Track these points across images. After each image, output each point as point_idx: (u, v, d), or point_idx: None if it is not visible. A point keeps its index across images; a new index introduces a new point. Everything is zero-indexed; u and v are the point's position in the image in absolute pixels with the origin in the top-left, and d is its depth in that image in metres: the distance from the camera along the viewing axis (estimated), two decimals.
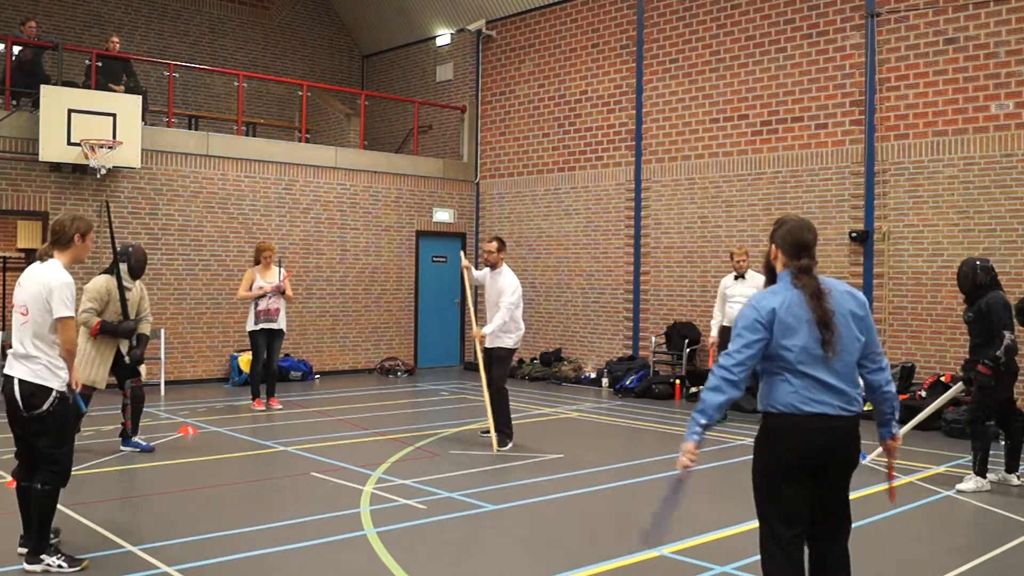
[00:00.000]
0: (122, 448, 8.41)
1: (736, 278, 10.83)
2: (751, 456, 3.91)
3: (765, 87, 12.80)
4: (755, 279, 10.78)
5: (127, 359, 8.17)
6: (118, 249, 8.20)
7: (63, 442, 5.12)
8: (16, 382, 4.98)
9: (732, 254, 11.02)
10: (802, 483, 3.72)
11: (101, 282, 8.09)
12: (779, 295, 3.75)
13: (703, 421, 3.69)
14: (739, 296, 10.74)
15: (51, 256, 5.17)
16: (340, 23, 19.79)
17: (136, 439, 8.48)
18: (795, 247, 3.80)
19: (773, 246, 3.89)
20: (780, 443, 3.74)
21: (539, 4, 15.79)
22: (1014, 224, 10.58)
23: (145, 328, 8.36)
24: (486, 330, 8.97)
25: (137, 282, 8.34)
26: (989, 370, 7.28)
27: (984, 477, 7.30)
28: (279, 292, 10.99)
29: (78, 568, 5.02)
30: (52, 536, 5.14)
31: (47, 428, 5.01)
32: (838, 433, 3.73)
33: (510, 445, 8.91)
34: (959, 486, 7.30)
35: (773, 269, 3.91)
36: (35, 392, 4.96)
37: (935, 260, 11.15)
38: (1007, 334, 7.20)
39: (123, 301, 8.02)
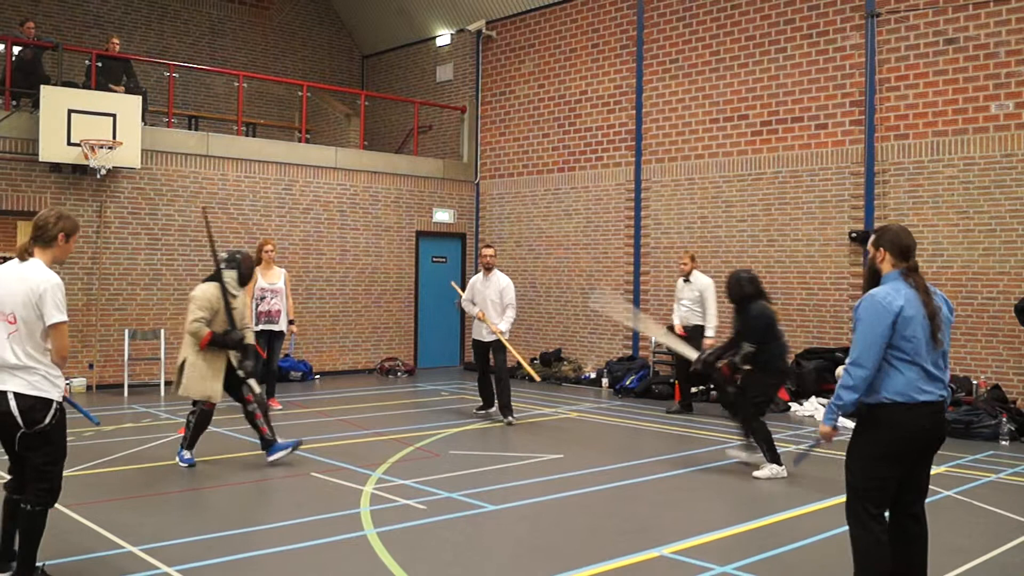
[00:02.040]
0: (268, 459, 7.80)
1: (685, 281, 11.34)
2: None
3: (765, 87, 12.80)
4: (699, 281, 11.25)
5: (240, 372, 7.74)
6: (225, 256, 7.82)
7: (59, 457, 4.74)
8: (11, 396, 4.53)
9: (681, 257, 11.52)
10: (900, 465, 4.25)
11: (211, 290, 7.64)
12: (901, 292, 4.23)
13: (840, 413, 4.30)
14: (685, 300, 11.33)
15: (31, 255, 4.72)
16: (340, 23, 19.79)
17: (279, 442, 7.90)
18: (903, 250, 4.30)
19: (881, 250, 4.35)
20: (894, 429, 4.21)
21: (539, 4, 15.79)
22: (1014, 224, 10.59)
23: (250, 337, 7.97)
24: (503, 327, 10.19)
25: (242, 291, 7.96)
26: (729, 370, 8.01)
27: (779, 464, 7.68)
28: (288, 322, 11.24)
29: None
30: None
31: (49, 441, 4.64)
32: (940, 416, 4.27)
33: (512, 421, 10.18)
34: (755, 473, 7.69)
35: (876, 272, 4.38)
36: (35, 406, 4.55)
37: (935, 260, 11.15)
38: (746, 345, 7.71)
39: (228, 310, 7.62)
